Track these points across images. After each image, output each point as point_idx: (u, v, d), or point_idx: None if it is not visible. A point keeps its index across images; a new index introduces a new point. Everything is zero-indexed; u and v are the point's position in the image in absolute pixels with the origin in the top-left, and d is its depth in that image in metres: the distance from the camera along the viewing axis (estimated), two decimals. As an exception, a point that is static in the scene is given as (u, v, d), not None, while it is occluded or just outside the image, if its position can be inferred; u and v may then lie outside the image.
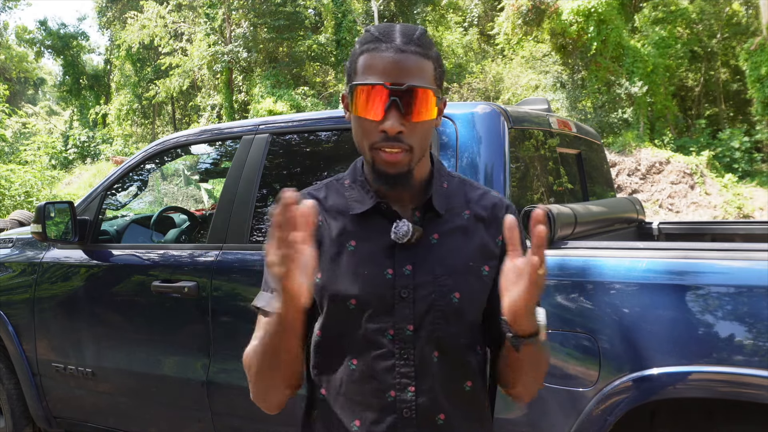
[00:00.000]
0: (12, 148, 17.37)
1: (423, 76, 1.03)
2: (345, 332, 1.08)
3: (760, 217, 11.84)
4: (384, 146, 1.03)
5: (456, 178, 1.19)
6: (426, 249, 1.09)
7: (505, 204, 1.17)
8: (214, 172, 4.00)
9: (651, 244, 1.86)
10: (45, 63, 41.49)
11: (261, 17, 19.08)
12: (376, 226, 1.10)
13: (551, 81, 16.12)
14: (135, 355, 2.59)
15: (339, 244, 1.10)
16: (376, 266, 1.08)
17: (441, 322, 1.07)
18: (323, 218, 1.13)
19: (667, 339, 1.58)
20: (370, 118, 1.03)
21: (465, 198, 1.16)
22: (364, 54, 1.05)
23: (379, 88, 1.01)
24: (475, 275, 1.11)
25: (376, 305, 1.07)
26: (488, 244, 1.13)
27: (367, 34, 1.07)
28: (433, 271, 1.08)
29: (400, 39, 1.03)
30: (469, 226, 1.13)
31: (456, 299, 1.08)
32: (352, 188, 1.15)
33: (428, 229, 1.10)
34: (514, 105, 2.52)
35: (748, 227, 2.82)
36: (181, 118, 28.06)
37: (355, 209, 1.11)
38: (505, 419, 1.82)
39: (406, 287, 1.07)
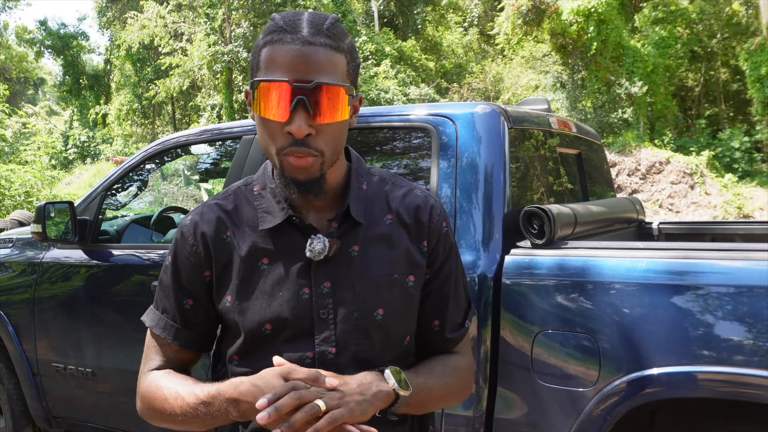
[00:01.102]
0: (12, 148, 17.37)
1: (333, 71, 0.92)
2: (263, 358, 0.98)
3: (760, 217, 11.84)
4: (291, 152, 0.92)
5: (376, 177, 1.09)
6: (345, 263, 1.00)
7: (430, 204, 1.07)
8: (214, 172, 4.00)
9: (651, 244, 1.86)
10: (45, 63, 41.51)
11: (261, 17, 19.08)
12: (290, 242, 1.00)
13: (551, 81, 16.12)
14: (135, 355, 2.58)
15: (250, 264, 1.01)
16: (291, 286, 0.99)
17: (365, 342, 0.99)
18: (231, 233, 1.03)
19: (667, 339, 1.58)
20: (274, 119, 0.91)
21: (386, 200, 1.06)
22: (267, 46, 0.93)
23: (284, 85, 0.89)
24: (401, 287, 1.02)
25: (293, 329, 0.98)
26: (412, 252, 1.04)
27: (271, 23, 0.94)
28: (354, 286, 0.99)
29: (307, 29, 0.91)
30: (392, 233, 1.03)
31: (380, 316, 1.00)
32: (261, 197, 1.04)
33: (347, 240, 1.01)
34: (514, 105, 2.52)
35: (748, 227, 2.82)
36: (181, 118, 28.06)
37: (264, 223, 1.01)
38: (505, 419, 1.82)
39: (325, 307, 0.98)
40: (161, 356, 1.10)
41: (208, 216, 1.05)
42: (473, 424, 1.85)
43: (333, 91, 0.91)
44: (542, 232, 1.87)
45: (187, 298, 1.06)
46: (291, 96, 0.90)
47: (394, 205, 1.06)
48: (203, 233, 1.03)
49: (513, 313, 1.81)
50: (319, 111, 0.91)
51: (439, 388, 1.05)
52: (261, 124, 0.95)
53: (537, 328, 1.77)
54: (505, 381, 1.83)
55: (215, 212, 1.05)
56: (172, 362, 1.10)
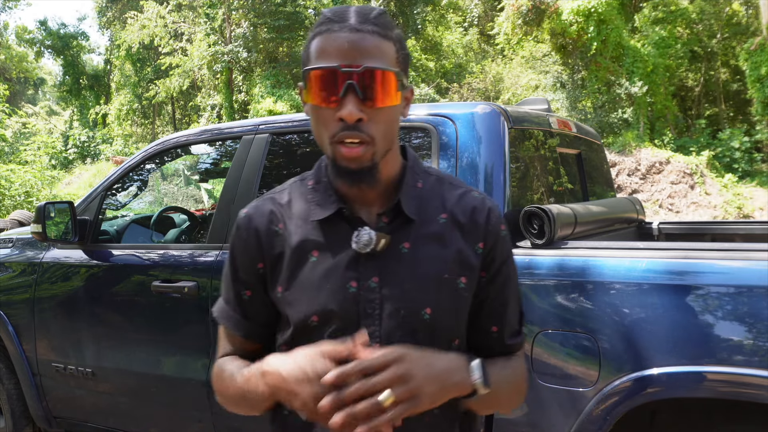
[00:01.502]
0: (12, 148, 17.36)
1: (382, 57, 0.92)
2: None
3: (760, 217, 11.84)
4: (344, 137, 0.92)
5: (433, 176, 1.08)
6: (395, 259, 0.99)
7: (488, 206, 1.06)
8: (214, 172, 4.00)
9: (651, 244, 1.86)
10: (45, 63, 41.51)
11: (261, 17, 19.08)
12: (340, 234, 1.00)
13: (551, 81, 16.12)
14: (135, 355, 2.59)
15: (300, 255, 1.02)
16: (339, 279, 0.99)
17: (410, 341, 0.97)
18: (284, 225, 1.04)
19: (667, 339, 1.59)
20: (325, 105, 0.93)
21: (442, 199, 1.05)
22: (317, 37, 0.95)
23: (334, 71, 0.91)
24: (451, 289, 1.01)
25: (340, 322, 0.98)
26: (466, 253, 1.02)
27: (321, 17, 0.97)
28: (403, 283, 0.99)
29: (354, 18, 0.93)
30: (445, 232, 1.02)
31: (427, 315, 0.99)
32: (315, 190, 1.05)
33: (398, 236, 1.00)
34: (514, 105, 2.52)
35: (748, 227, 2.82)
36: (181, 118, 28.06)
37: (315, 215, 1.02)
38: (505, 419, 1.82)
39: (372, 302, 0.98)
40: (229, 345, 1.13)
41: (262, 209, 1.07)
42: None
43: (383, 76, 0.92)
44: (542, 232, 1.87)
45: (244, 290, 1.08)
46: (341, 81, 0.91)
47: (449, 205, 1.04)
48: (256, 227, 1.06)
49: (513, 313, 1.81)
50: (369, 95, 0.91)
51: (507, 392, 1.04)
52: (313, 113, 0.96)
53: (537, 328, 1.77)
54: (505, 381, 1.83)
55: (269, 206, 1.07)
56: (238, 352, 1.12)
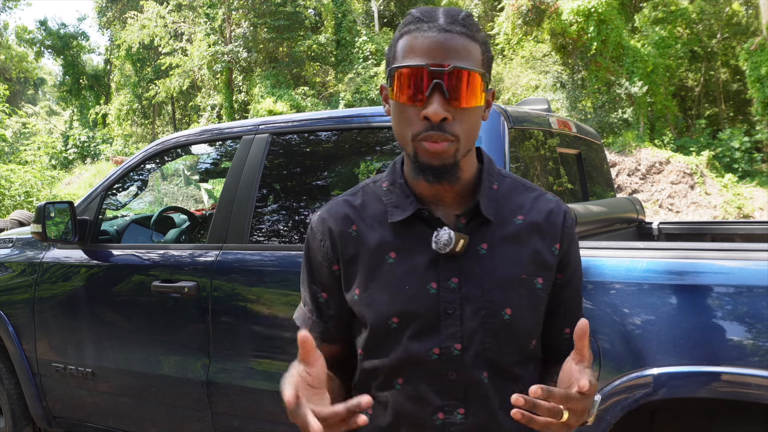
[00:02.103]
0: (12, 148, 17.36)
1: (469, 57, 0.93)
2: (389, 352, 1.00)
3: (760, 217, 11.84)
4: (428, 136, 0.92)
5: (508, 179, 1.08)
6: (474, 260, 0.99)
7: (563, 209, 1.06)
8: (214, 172, 4.00)
9: (651, 244, 1.86)
10: (45, 63, 41.53)
11: (261, 17, 19.08)
12: (418, 235, 1.00)
13: (551, 81, 16.12)
14: (135, 355, 2.59)
15: (378, 257, 1.02)
16: (419, 280, 0.99)
17: (491, 341, 0.98)
18: (358, 227, 1.04)
19: (667, 339, 1.58)
20: (411, 103, 0.93)
21: (517, 202, 1.05)
22: (405, 36, 0.95)
23: (421, 70, 0.91)
24: (528, 289, 1.01)
25: (420, 323, 0.98)
26: (543, 254, 1.02)
27: (409, 16, 0.98)
28: (482, 284, 0.98)
29: (443, 19, 0.94)
30: (521, 233, 1.02)
31: (507, 316, 0.99)
32: (390, 192, 1.04)
33: (476, 238, 1.00)
34: (514, 105, 2.52)
35: (748, 227, 2.82)
36: (181, 118, 28.06)
37: (394, 216, 1.02)
38: (505, 419, 1.82)
39: (452, 303, 0.98)
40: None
41: (336, 211, 1.07)
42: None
43: (469, 76, 0.92)
44: (542, 232, 1.87)
45: (321, 292, 1.08)
46: (428, 80, 0.91)
47: (525, 207, 1.05)
48: (330, 228, 1.06)
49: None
50: (455, 95, 0.92)
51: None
52: (397, 110, 0.96)
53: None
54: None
55: (342, 208, 1.07)
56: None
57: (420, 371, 0.99)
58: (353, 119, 2.32)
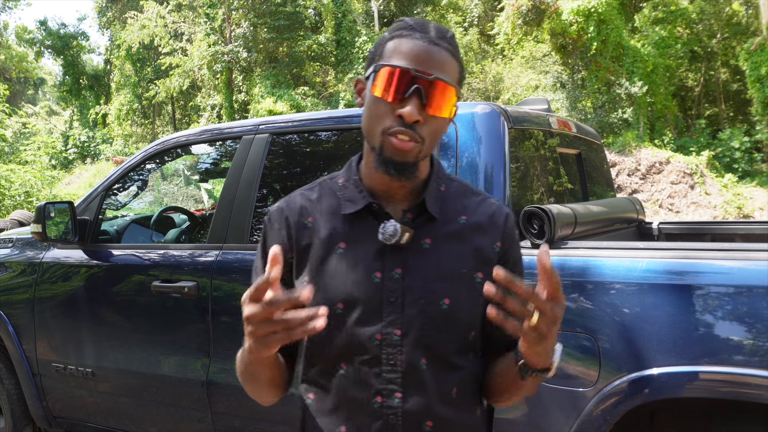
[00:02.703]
0: (12, 148, 17.36)
1: (449, 72, 1.01)
2: (333, 337, 1.05)
3: (760, 217, 11.84)
4: (398, 132, 0.99)
5: (456, 182, 1.16)
6: (418, 253, 1.06)
7: (504, 212, 1.14)
8: (214, 172, 4.00)
9: (651, 244, 1.86)
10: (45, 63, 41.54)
11: (261, 17, 19.08)
12: (367, 228, 1.07)
13: (551, 81, 16.12)
14: (135, 355, 2.59)
15: (328, 247, 1.08)
16: (365, 269, 1.05)
17: (430, 329, 1.04)
18: (314, 219, 1.11)
19: (667, 339, 1.59)
20: (389, 100, 1.00)
21: (463, 203, 1.13)
22: (395, 39, 1.03)
23: (406, 72, 0.99)
24: (468, 282, 1.08)
25: (364, 309, 1.04)
26: (484, 250, 1.10)
27: (401, 23, 1.05)
28: (424, 276, 1.05)
29: (434, 32, 1.02)
30: (464, 232, 1.10)
31: (446, 306, 1.05)
32: (345, 187, 1.12)
33: (421, 233, 1.07)
34: (514, 105, 2.52)
35: (748, 227, 2.82)
36: (181, 118, 28.06)
37: (346, 209, 1.09)
38: (505, 419, 1.82)
39: (395, 291, 1.04)
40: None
41: (293, 203, 1.14)
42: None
43: (446, 89, 1.00)
44: (542, 232, 1.87)
45: None
46: (410, 83, 0.99)
47: (469, 209, 1.13)
48: (287, 218, 1.13)
49: (513, 313, 1.81)
50: (430, 102, 1.00)
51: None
52: (373, 104, 1.02)
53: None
54: (505, 381, 1.83)
55: (299, 200, 1.14)
56: None
57: (362, 356, 1.04)
58: (353, 119, 2.32)
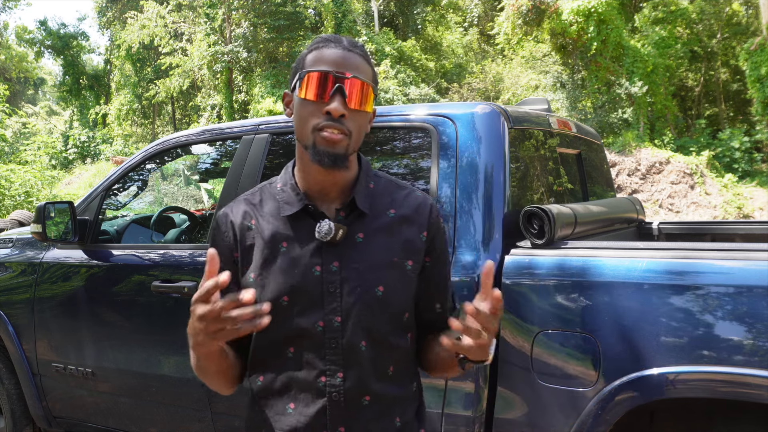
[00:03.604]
0: (12, 148, 17.37)
1: (364, 73, 1.16)
2: (280, 326, 1.16)
3: (760, 217, 11.84)
4: (327, 126, 1.12)
5: (383, 179, 1.28)
6: (352, 247, 1.18)
7: (429, 203, 1.26)
8: (214, 172, 4.00)
9: (651, 244, 1.86)
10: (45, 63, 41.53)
11: (261, 17, 19.08)
12: (305, 227, 1.19)
13: (551, 81, 16.12)
14: (135, 355, 2.59)
15: (272, 246, 1.19)
16: (306, 264, 1.17)
17: (367, 314, 1.17)
18: (256, 222, 1.23)
19: (666, 339, 1.59)
20: (316, 100, 1.13)
21: (390, 198, 1.25)
22: (314, 50, 1.17)
23: (327, 74, 1.13)
24: (399, 270, 1.20)
25: (307, 300, 1.16)
26: (413, 240, 1.22)
27: (318, 38, 1.20)
28: (358, 267, 1.17)
29: (347, 42, 1.17)
30: (393, 224, 1.22)
31: (380, 292, 1.17)
32: (283, 191, 1.23)
33: (354, 228, 1.19)
34: (514, 105, 2.52)
35: (748, 227, 2.82)
36: (181, 118, 28.06)
37: (285, 211, 1.20)
38: (505, 419, 1.82)
39: (333, 282, 1.16)
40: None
41: (237, 208, 1.26)
42: (473, 424, 1.85)
43: (364, 86, 1.15)
44: (542, 232, 1.87)
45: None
46: (332, 83, 1.13)
47: (396, 202, 1.24)
48: (232, 222, 1.24)
49: (513, 313, 1.81)
50: (352, 98, 1.14)
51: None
52: (301, 107, 1.16)
53: (537, 328, 1.77)
54: (505, 381, 1.83)
55: (243, 206, 1.25)
56: None
57: (307, 341, 1.16)
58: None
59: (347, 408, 1.15)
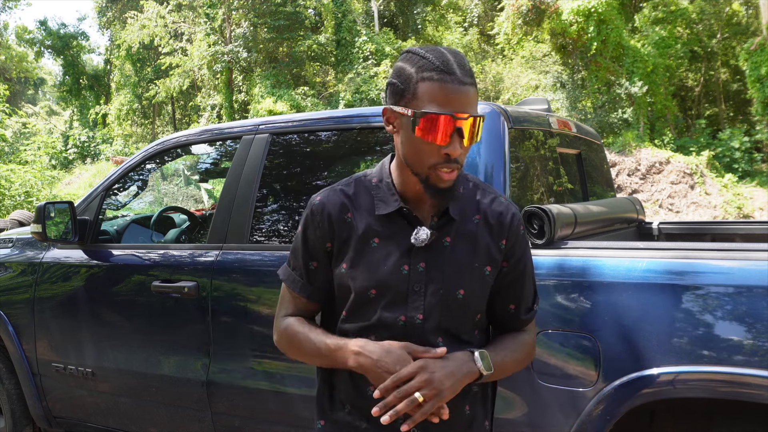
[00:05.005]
0: (12, 148, 17.37)
1: (475, 104, 1.19)
2: (366, 315, 1.25)
3: (760, 217, 11.84)
4: (444, 167, 1.17)
5: (471, 183, 1.33)
6: (439, 250, 1.25)
7: (511, 211, 1.31)
8: (214, 172, 4.00)
9: (651, 244, 1.86)
10: (45, 63, 41.53)
11: (261, 17, 19.07)
12: (398, 227, 1.26)
13: (551, 81, 16.12)
14: (135, 355, 2.59)
15: (365, 240, 1.26)
16: (395, 262, 1.24)
17: (446, 314, 1.24)
18: (352, 215, 1.28)
19: (666, 339, 1.58)
20: (438, 143, 1.16)
21: (477, 203, 1.30)
22: (427, 82, 1.16)
23: (448, 118, 1.14)
24: (479, 275, 1.27)
25: (392, 296, 1.24)
26: (492, 248, 1.28)
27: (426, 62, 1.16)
28: (443, 270, 1.24)
29: (459, 71, 1.15)
30: (477, 231, 1.28)
31: (461, 295, 1.24)
32: (378, 188, 1.29)
33: (442, 232, 1.26)
34: (514, 105, 2.52)
35: (748, 227, 2.82)
36: (181, 118, 28.06)
37: (380, 210, 1.27)
38: (505, 419, 1.82)
39: (419, 282, 1.23)
40: (292, 305, 1.38)
41: (334, 199, 1.31)
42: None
43: (478, 121, 1.18)
44: (542, 232, 1.87)
45: (312, 261, 1.33)
46: (452, 126, 1.15)
47: (482, 208, 1.30)
48: (329, 213, 1.29)
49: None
50: (468, 137, 1.17)
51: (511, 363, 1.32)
52: (419, 144, 1.18)
53: (537, 328, 1.77)
54: (505, 381, 1.83)
55: (339, 197, 1.30)
56: (300, 310, 1.38)
57: (389, 334, 1.24)
58: (353, 119, 2.32)
59: None
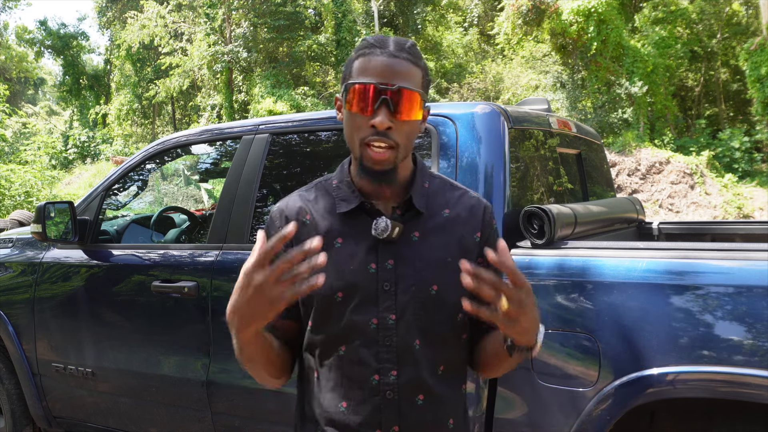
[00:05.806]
0: (12, 148, 17.37)
1: (412, 80, 1.13)
2: (334, 322, 1.16)
3: (760, 217, 11.84)
4: (373, 140, 1.11)
5: (438, 179, 1.28)
6: (407, 245, 1.18)
7: (483, 204, 1.26)
8: (214, 172, 4.00)
9: (651, 244, 1.86)
10: (45, 63, 41.53)
11: (261, 17, 19.07)
12: (361, 224, 1.18)
13: (551, 81, 16.12)
14: (135, 355, 2.59)
15: (327, 242, 1.17)
16: (361, 261, 1.16)
17: (421, 312, 1.16)
18: (311, 217, 1.22)
19: (666, 339, 1.59)
20: (361, 113, 1.11)
21: (445, 198, 1.24)
22: (360, 58, 1.15)
23: (371, 86, 1.10)
24: (453, 269, 1.16)
25: (361, 297, 1.15)
26: (466, 240, 1.22)
27: (363, 42, 1.16)
28: (414, 265, 1.17)
29: (393, 46, 1.13)
30: (447, 224, 1.21)
31: (434, 291, 1.17)
32: (339, 188, 1.23)
33: (410, 227, 1.19)
34: (514, 105, 2.52)
35: (748, 227, 2.82)
36: (181, 118, 28.06)
37: (341, 208, 1.20)
38: (505, 419, 1.82)
39: (388, 280, 1.16)
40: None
41: (292, 204, 1.26)
42: (473, 424, 1.85)
43: (411, 95, 1.12)
44: (542, 232, 1.87)
45: None
46: (377, 96, 1.10)
47: (451, 203, 1.24)
48: (287, 217, 1.24)
49: (513, 313, 1.80)
50: (398, 110, 1.11)
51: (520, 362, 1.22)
52: (349, 118, 1.14)
53: (537, 328, 1.77)
54: (505, 381, 1.83)
55: (297, 201, 1.25)
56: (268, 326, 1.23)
57: (360, 339, 1.15)
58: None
59: (401, 406, 1.14)
